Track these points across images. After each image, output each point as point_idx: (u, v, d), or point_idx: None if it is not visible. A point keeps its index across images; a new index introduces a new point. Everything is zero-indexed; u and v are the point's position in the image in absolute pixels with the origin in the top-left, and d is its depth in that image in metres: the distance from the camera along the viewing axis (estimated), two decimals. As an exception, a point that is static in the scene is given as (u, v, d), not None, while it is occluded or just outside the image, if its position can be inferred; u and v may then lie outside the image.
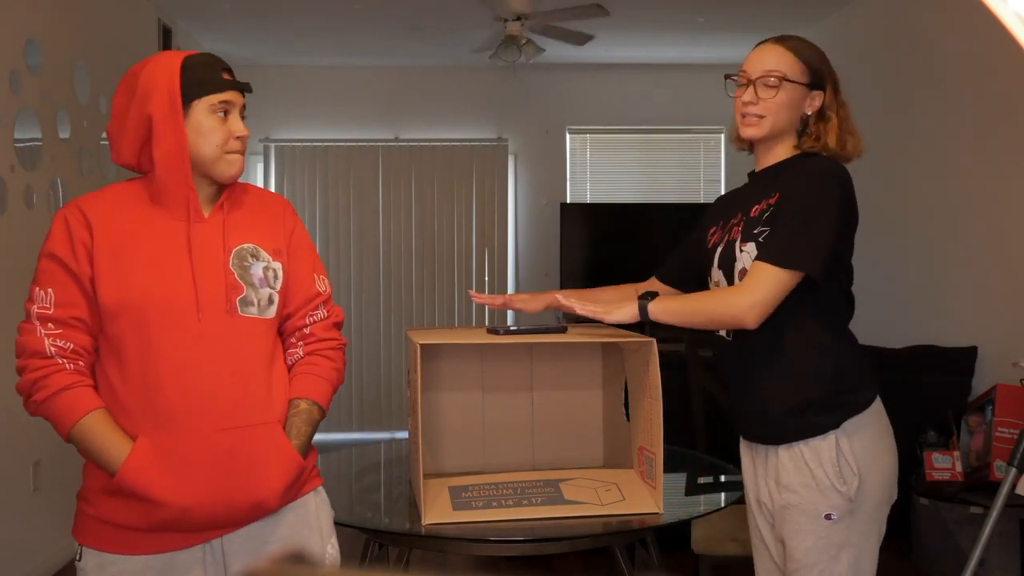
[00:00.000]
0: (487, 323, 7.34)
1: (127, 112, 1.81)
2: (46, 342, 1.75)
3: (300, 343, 1.93)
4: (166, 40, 5.91)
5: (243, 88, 1.88)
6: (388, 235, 7.42)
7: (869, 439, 1.97)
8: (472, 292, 2.41)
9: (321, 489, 1.95)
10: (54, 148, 4.22)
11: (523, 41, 5.71)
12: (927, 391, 4.36)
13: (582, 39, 5.86)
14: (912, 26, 5.18)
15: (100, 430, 1.74)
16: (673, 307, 2.03)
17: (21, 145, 3.90)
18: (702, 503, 2.60)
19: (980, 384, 4.31)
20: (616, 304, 2.09)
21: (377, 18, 6.07)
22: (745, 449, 2.13)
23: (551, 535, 2.23)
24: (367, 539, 2.52)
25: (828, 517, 1.93)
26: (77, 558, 1.81)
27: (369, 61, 7.35)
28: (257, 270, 1.85)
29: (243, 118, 1.87)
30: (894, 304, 5.23)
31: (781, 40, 2.03)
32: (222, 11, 5.89)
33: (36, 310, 1.76)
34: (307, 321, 1.93)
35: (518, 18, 5.52)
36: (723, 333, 2.08)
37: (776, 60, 2.00)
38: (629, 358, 2.40)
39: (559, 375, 2.56)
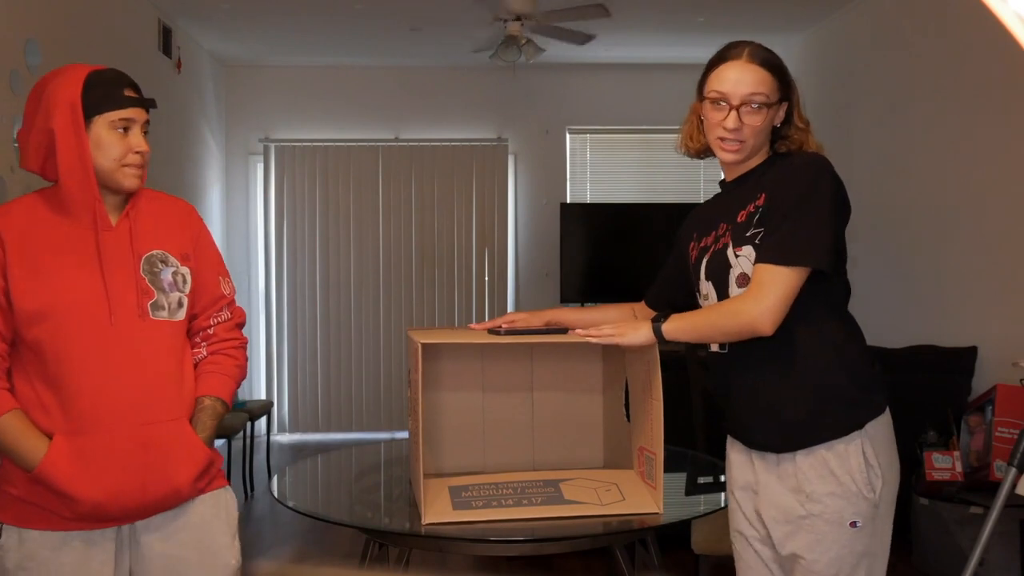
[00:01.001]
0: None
1: (33, 122, 1.89)
2: None
3: (204, 343, 2.05)
4: (166, 40, 5.91)
5: (146, 105, 1.94)
6: (388, 235, 7.42)
7: (888, 441, 1.94)
8: (472, 325, 2.41)
9: (230, 488, 2.08)
10: (54, 148, 4.22)
11: (523, 41, 5.71)
12: (927, 391, 4.36)
13: (583, 39, 5.85)
14: (913, 26, 5.18)
15: (16, 430, 1.84)
16: (684, 326, 1.97)
17: (21, 145, 3.91)
18: (702, 503, 2.60)
19: (980, 384, 4.31)
20: (630, 326, 2.05)
21: (377, 18, 6.07)
22: (742, 456, 2.05)
23: (551, 535, 2.23)
24: (367, 539, 2.52)
25: (854, 524, 1.88)
26: None
27: (369, 61, 7.35)
28: (167, 275, 1.96)
29: (145, 133, 1.94)
30: (894, 304, 5.23)
31: (754, 56, 1.94)
32: (222, 11, 5.89)
33: None
34: (211, 322, 2.06)
35: (518, 18, 5.51)
36: (716, 347, 2.02)
37: (756, 81, 1.91)
38: (630, 359, 2.40)
39: (559, 375, 2.55)
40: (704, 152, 2.11)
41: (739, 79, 1.92)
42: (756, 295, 1.86)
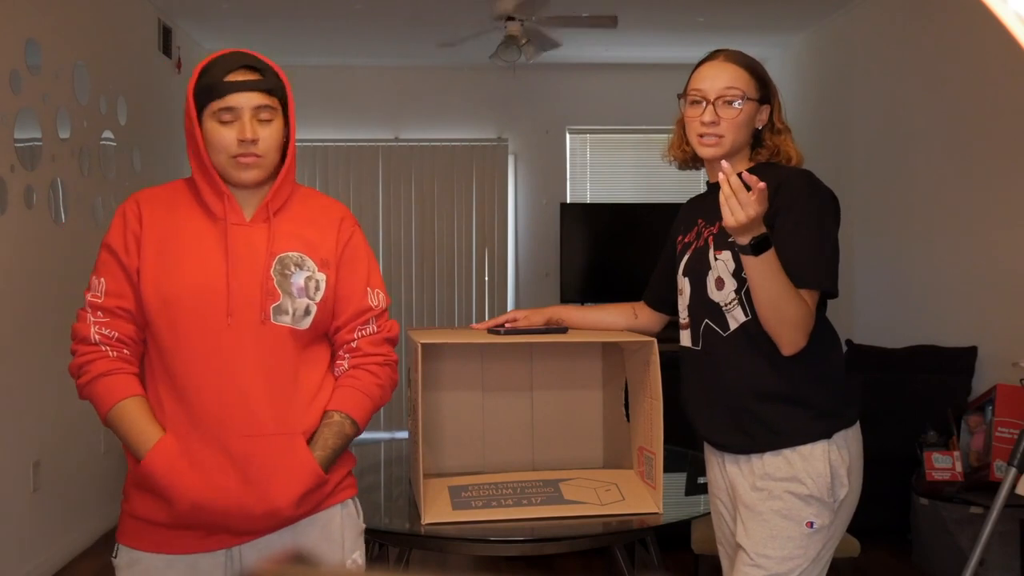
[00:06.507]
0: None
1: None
2: (92, 329, 1.79)
3: (347, 356, 1.88)
4: (166, 40, 5.91)
5: (251, 87, 1.76)
6: (388, 235, 7.42)
7: (856, 454, 1.96)
8: (473, 325, 2.41)
9: (350, 502, 1.91)
10: (54, 148, 4.22)
11: (523, 41, 5.70)
12: (927, 391, 4.36)
13: (610, 22, 5.70)
14: (912, 26, 5.18)
15: (131, 418, 1.76)
16: (775, 267, 1.80)
17: (21, 145, 3.90)
18: (702, 503, 2.60)
19: (980, 384, 4.31)
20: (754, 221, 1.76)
21: (377, 18, 6.07)
22: (715, 459, 2.06)
23: (551, 535, 2.23)
24: (367, 539, 2.52)
25: (810, 525, 1.89)
26: (113, 555, 1.85)
27: (369, 61, 7.35)
28: (298, 279, 1.81)
29: (262, 120, 1.77)
30: (894, 304, 5.23)
31: (730, 57, 1.99)
32: (222, 11, 5.89)
33: (89, 298, 1.81)
34: (355, 335, 1.88)
35: (512, 18, 5.49)
36: (688, 343, 2.03)
37: (732, 77, 1.95)
38: (629, 358, 2.40)
39: (559, 375, 2.56)
40: (690, 161, 2.12)
41: (715, 75, 1.97)
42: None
